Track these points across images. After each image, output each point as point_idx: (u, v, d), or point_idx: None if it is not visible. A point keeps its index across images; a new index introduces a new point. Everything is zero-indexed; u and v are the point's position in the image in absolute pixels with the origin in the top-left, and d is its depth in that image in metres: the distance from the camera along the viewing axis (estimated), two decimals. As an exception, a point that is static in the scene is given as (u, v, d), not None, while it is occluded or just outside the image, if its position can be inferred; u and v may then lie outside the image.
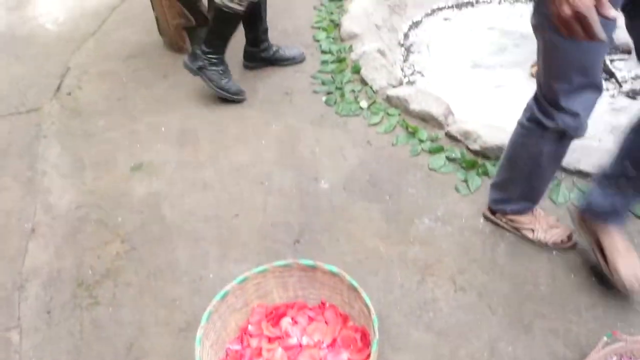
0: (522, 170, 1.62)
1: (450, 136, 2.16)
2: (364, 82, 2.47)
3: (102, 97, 2.63)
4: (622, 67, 2.64)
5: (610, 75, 2.55)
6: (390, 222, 1.89)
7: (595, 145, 2.20)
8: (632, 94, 2.46)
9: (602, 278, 1.61)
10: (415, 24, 3.23)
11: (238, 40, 2.87)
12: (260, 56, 2.66)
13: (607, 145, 2.21)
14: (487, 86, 2.68)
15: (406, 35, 3.13)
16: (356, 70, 2.54)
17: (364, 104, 2.37)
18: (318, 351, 1.44)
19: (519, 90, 2.64)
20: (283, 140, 2.28)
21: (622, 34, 2.84)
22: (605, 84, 2.55)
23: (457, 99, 2.55)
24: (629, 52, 2.71)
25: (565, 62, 1.32)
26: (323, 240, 1.86)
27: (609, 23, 1.01)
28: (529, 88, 2.62)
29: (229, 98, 2.46)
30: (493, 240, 1.80)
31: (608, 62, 2.61)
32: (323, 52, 2.76)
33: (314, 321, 1.52)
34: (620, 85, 2.51)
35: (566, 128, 1.42)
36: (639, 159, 1.41)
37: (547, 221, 1.75)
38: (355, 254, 1.80)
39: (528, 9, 3.38)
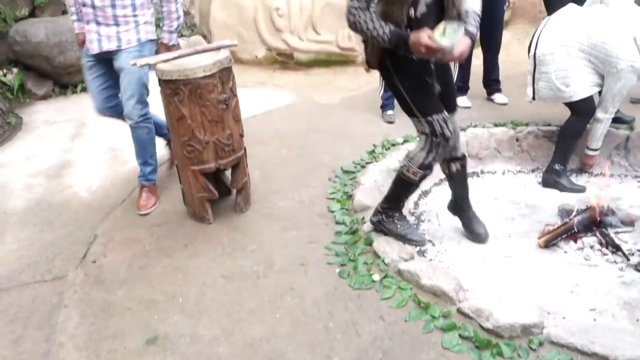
0: None
1: (462, 313, 2.18)
2: (376, 255, 2.56)
3: (125, 265, 2.75)
4: (628, 239, 2.72)
5: (617, 248, 2.61)
6: (404, 407, 1.85)
7: (608, 323, 2.19)
8: (641, 267, 2.50)
9: None
10: (425, 193, 3.41)
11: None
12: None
13: (620, 324, 2.21)
14: (497, 256, 2.75)
15: (416, 204, 3.29)
16: (368, 242, 2.65)
17: (376, 277, 2.43)
18: None
19: (528, 261, 2.70)
20: (297, 314, 2.32)
21: (622, 206, 2.99)
22: (612, 257, 2.61)
23: (468, 270, 2.61)
24: (632, 224, 2.80)
25: None
26: None
27: None
28: (538, 259, 2.71)
29: (409, 244, 2.64)
30: None
31: (613, 235, 2.70)
32: (337, 222, 2.90)
33: None
34: (628, 259, 2.56)
35: None
36: None
37: None
38: None
39: (531, 179, 3.58)
